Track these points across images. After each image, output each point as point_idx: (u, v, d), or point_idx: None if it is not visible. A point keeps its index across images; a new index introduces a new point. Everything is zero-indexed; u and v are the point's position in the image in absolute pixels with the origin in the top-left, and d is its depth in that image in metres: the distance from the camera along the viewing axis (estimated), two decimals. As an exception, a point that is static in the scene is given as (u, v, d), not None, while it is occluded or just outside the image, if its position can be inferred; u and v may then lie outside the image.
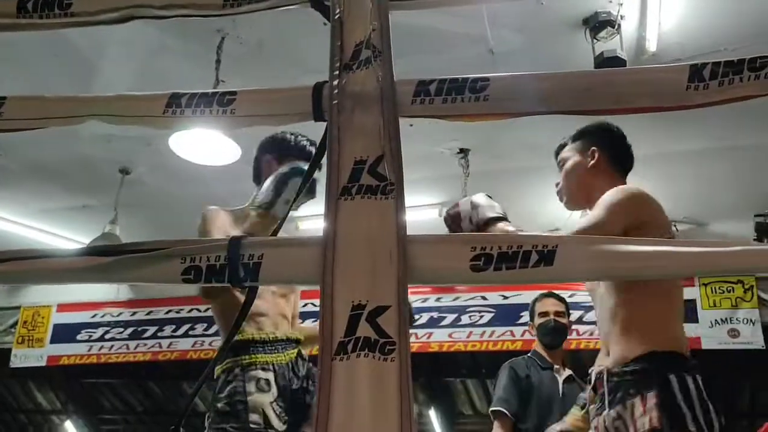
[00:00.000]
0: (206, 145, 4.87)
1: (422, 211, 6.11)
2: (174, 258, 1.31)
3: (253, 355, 2.75)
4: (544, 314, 4.26)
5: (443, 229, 2.25)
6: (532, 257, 1.22)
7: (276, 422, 2.69)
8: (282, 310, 3.05)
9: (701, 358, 3.56)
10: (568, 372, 4.20)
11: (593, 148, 2.53)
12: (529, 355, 4.30)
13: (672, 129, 4.93)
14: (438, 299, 7.12)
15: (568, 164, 2.58)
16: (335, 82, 1.40)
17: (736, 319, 6.48)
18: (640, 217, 2.19)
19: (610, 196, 2.24)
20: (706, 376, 2.21)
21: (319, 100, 1.42)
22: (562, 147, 2.67)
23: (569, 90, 1.40)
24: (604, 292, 2.32)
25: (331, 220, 1.29)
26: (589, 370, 2.41)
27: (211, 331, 7.28)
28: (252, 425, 2.63)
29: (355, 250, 1.26)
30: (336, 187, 1.32)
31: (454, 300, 7.16)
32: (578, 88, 1.40)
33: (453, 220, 2.25)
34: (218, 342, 5.61)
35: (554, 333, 4.24)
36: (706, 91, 1.30)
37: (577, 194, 2.56)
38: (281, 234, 1.55)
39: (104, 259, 1.32)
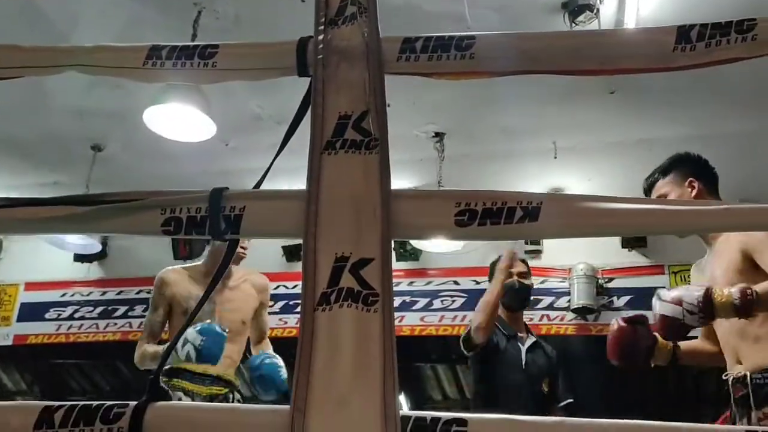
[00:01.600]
0: (181, 121, 4.79)
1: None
2: (154, 208, 1.29)
3: (177, 381, 3.21)
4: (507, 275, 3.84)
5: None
6: (516, 213, 1.23)
7: None
8: (226, 350, 3.30)
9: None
10: (532, 339, 3.98)
11: (690, 178, 2.60)
12: None
13: (653, 115, 4.95)
14: (410, 283, 7.11)
15: (673, 198, 2.61)
16: (320, 37, 1.39)
17: (704, 306, 6.55)
18: None
19: None
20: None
21: (303, 55, 1.40)
22: (654, 182, 2.69)
23: (555, 50, 1.39)
24: None
25: (315, 173, 1.28)
26: (724, 376, 2.52)
27: (183, 311, 7.21)
28: None
29: (338, 203, 1.25)
30: (320, 142, 1.31)
31: (427, 284, 7.15)
32: (564, 48, 1.40)
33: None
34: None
35: (517, 294, 3.93)
36: (693, 53, 1.30)
37: None
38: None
39: (82, 208, 1.29)
